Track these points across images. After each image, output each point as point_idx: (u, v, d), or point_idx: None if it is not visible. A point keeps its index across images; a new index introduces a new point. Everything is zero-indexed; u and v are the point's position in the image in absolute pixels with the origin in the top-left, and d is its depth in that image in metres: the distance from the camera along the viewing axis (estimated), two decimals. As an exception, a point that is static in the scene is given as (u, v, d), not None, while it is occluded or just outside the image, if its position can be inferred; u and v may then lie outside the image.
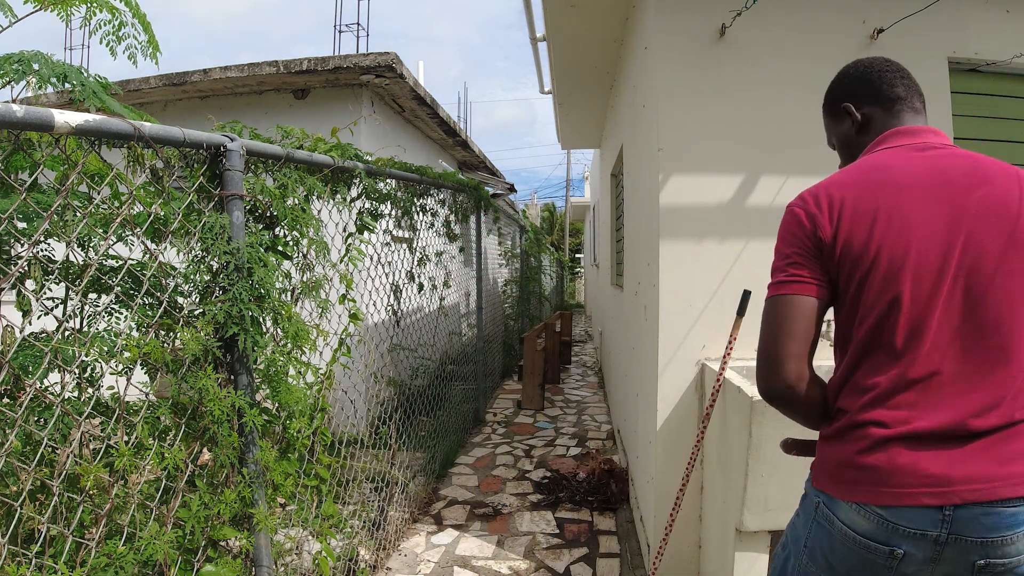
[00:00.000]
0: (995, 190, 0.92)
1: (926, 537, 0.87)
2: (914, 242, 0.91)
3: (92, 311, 1.43)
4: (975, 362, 0.90)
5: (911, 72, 1.09)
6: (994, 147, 2.21)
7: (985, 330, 0.90)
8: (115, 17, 1.41)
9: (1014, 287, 0.90)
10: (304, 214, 1.61)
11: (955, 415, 0.88)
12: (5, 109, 0.93)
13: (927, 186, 0.93)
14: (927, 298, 0.90)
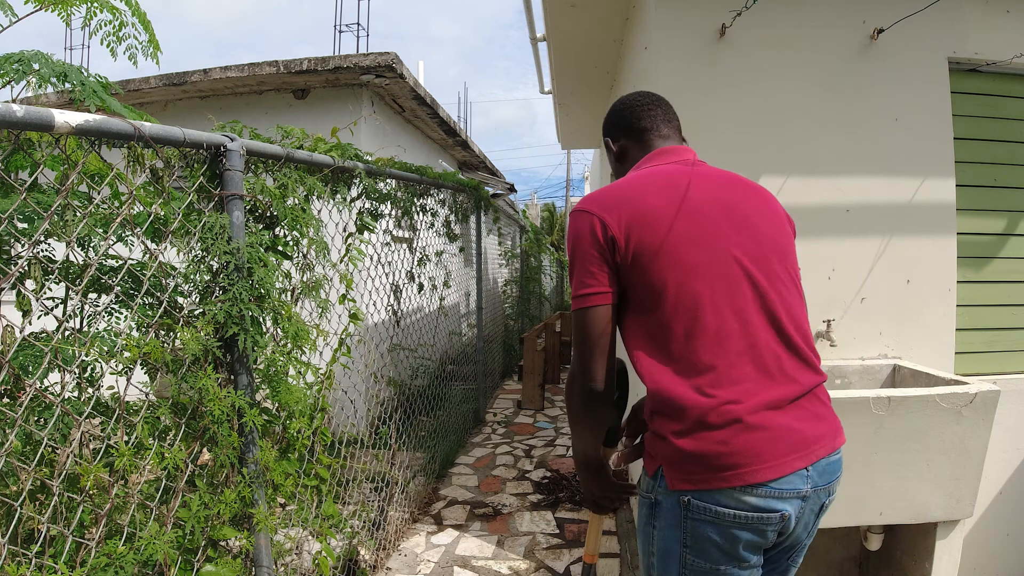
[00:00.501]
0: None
1: (799, 494, 0.99)
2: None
3: (92, 311, 1.43)
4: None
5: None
6: (994, 147, 2.21)
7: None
8: (116, 17, 1.41)
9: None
10: (304, 214, 1.61)
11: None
12: (5, 109, 0.93)
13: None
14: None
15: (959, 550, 1.74)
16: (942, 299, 2.12)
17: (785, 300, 1.08)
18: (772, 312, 1.04)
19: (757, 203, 1.15)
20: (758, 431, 0.96)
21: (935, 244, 2.11)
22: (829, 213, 2.09)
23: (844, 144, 2.09)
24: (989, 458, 1.71)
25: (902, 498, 1.66)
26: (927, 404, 1.61)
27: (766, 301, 1.04)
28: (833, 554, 2.11)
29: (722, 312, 1.00)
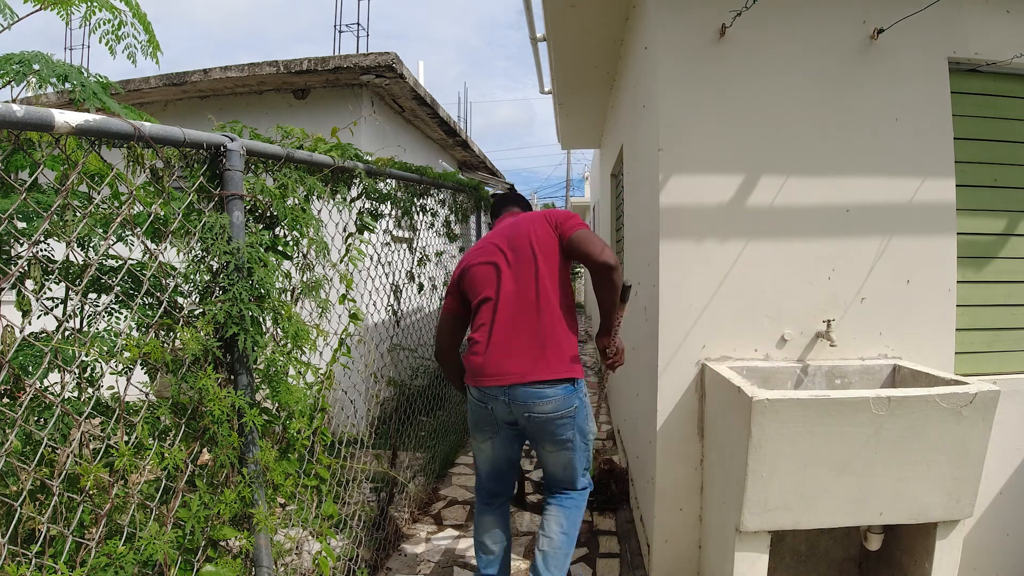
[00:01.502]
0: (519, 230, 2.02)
1: (499, 400, 1.90)
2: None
3: (92, 311, 1.43)
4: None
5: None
6: (994, 147, 2.21)
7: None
8: (115, 16, 1.41)
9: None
10: (304, 214, 1.61)
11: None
12: (5, 109, 0.93)
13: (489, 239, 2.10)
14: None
15: (959, 550, 1.74)
16: (942, 299, 2.12)
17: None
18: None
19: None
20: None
21: (935, 244, 2.11)
22: (829, 213, 2.09)
23: (844, 144, 2.09)
24: (989, 458, 1.71)
25: (902, 498, 1.66)
26: (927, 404, 1.61)
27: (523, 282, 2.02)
28: (833, 554, 2.11)
29: None
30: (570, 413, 1.89)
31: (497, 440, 2.04)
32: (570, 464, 2.00)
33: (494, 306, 1.94)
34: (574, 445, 1.95)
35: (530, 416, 1.88)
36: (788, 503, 1.64)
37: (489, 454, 2.09)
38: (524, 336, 1.89)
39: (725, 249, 2.09)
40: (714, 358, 2.11)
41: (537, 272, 1.91)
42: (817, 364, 2.09)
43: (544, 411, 1.86)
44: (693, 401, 2.13)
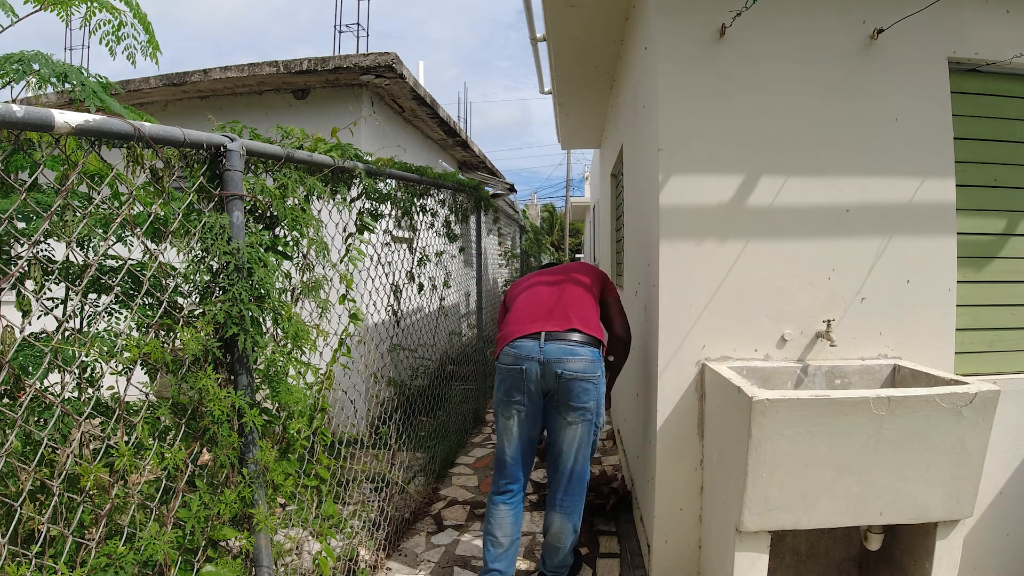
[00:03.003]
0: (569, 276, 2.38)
1: (533, 359, 2.08)
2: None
3: (92, 311, 1.43)
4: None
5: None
6: (994, 147, 2.21)
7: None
8: (115, 17, 1.41)
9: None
10: (304, 214, 1.61)
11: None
12: (5, 109, 0.93)
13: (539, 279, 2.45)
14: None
15: (959, 550, 1.74)
16: (942, 299, 2.12)
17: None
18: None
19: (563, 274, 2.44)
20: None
21: (935, 244, 2.11)
22: (829, 213, 2.09)
23: (844, 144, 2.09)
24: (989, 458, 1.71)
25: (902, 498, 1.66)
26: (927, 404, 1.61)
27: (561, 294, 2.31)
28: (833, 554, 2.11)
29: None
30: (595, 379, 2.05)
31: (525, 413, 2.14)
32: (583, 441, 2.10)
33: (529, 295, 2.31)
34: (593, 416, 2.08)
35: (562, 374, 2.03)
36: (788, 503, 1.64)
37: (515, 432, 2.17)
38: (556, 306, 2.20)
39: (725, 249, 2.09)
40: (714, 358, 2.11)
41: (575, 282, 2.31)
42: (817, 364, 2.09)
43: (575, 369, 2.03)
44: (693, 401, 2.13)
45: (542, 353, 2.06)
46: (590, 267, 2.43)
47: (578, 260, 2.69)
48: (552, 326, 2.12)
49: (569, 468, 2.13)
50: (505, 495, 2.19)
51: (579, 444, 2.10)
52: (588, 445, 2.12)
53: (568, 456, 2.12)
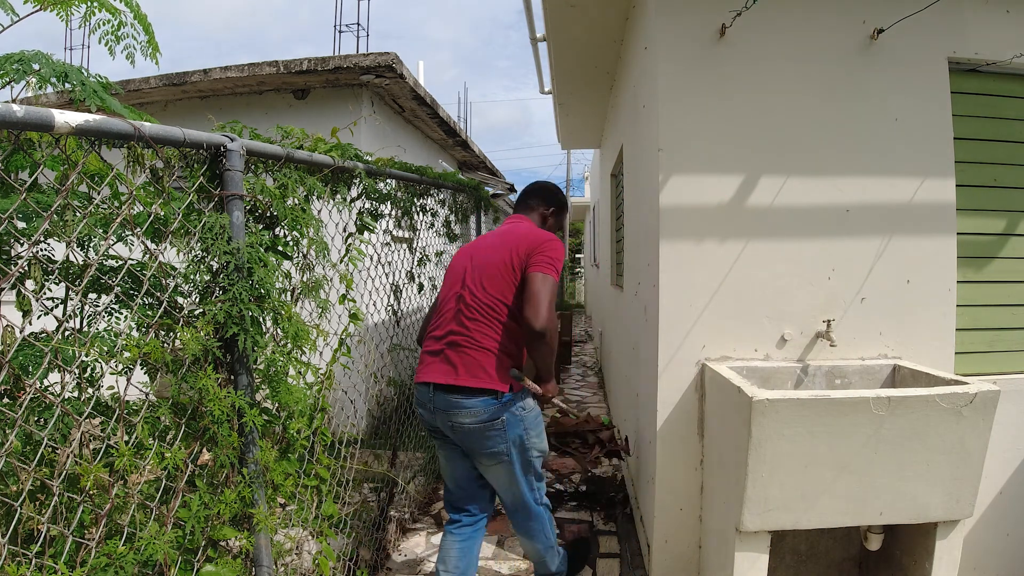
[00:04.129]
0: (498, 239, 2.01)
1: (426, 405, 1.92)
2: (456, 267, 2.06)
3: (92, 311, 1.43)
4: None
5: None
6: (994, 147, 2.21)
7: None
8: (115, 17, 1.41)
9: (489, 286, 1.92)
10: (304, 214, 1.60)
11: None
12: (5, 109, 0.93)
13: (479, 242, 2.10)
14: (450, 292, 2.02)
15: (959, 550, 1.74)
16: (942, 299, 2.12)
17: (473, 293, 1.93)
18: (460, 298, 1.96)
19: (495, 241, 2.03)
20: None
21: (935, 244, 2.11)
22: (829, 213, 2.09)
23: (844, 144, 2.09)
24: (989, 458, 1.71)
25: (902, 498, 1.66)
26: (927, 404, 1.61)
27: (466, 285, 1.95)
28: (833, 554, 2.11)
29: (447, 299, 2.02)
30: (497, 427, 1.83)
31: (446, 453, 2.02)
32: (513, 480, 1.93)
33: (443, 289, 2.07)
34: (512, 458, 1.87)
35: (453, 426, 1.87)
36: (788, 503, 1.64)
37: (446, 467, 2.07)
38: (451, 324, 1.91)
39: (725, 249, 2.09)
40: (714, 358, 2.11)
41: (491, 267, 1.91)
42: (817, 364, 2.09)
43: (463, 422, 1.83)
44: (693, 401, 2.13)
45: (432, 403, 1.89)
46: (523, 247, 1.90)
47: (528, 214, 2.19)
48: (436, 374, 1.88)
49: (509, 502, 2.00)
50: (452, 524, 2.07)
51: (506, 482, 1.95)
52: (518, 481, 1.93)
53: (502, 493, 2.00)
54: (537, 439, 1.94)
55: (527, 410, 1.90)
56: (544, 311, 1.76)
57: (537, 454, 1.95)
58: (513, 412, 1.85)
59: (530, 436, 1.90)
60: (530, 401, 1.92)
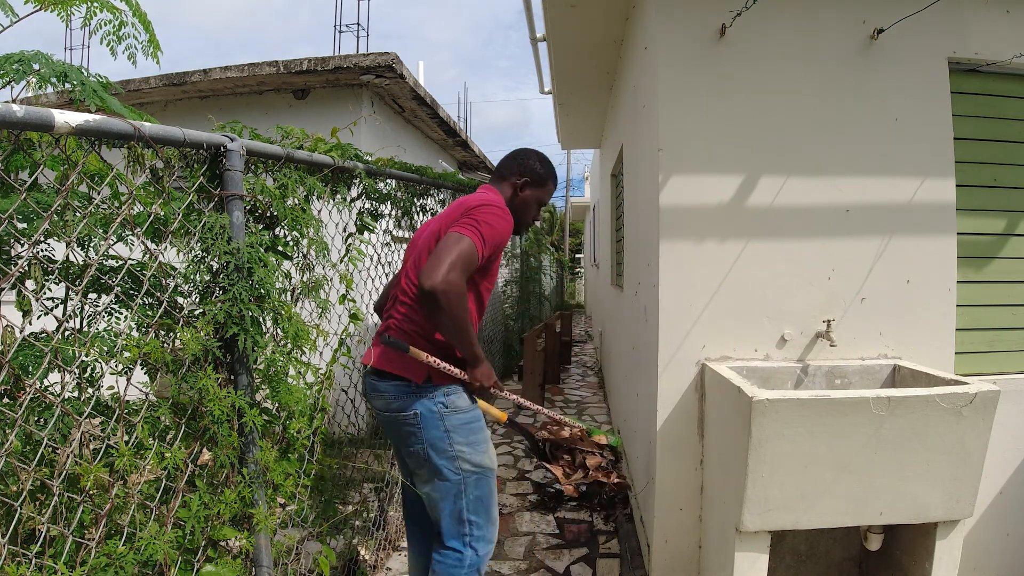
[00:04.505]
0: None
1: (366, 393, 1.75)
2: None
3: (92, 311, 1.43)
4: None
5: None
6: (994, 147, 2.21)
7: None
8: (116, 16, 1.41)
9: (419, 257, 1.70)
10: (304, 214, 1.61)
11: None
12: (5, 109, 0.93)
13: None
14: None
15: (959, 550, 1.73)
16: (942, 299, 2.12)
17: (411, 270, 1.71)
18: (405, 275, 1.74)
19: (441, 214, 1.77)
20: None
21: (935, 244, 2.11)
22: (829, 213, 2.09)
23: (844, 144, 2.09)
24: (989, 458, 1.71)
25: (902, 498, 1.66)
26: (927, 404, 1.61)
27: (405, 269, 1.76)
28: (833, 554, 2.11)
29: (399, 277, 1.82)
30: (411, 420, 1.60)
31: (393, 451, 1.89)
32: (432, 496, 1.63)
33: (392, 283, 1.95)
34: (430, 469, 1.59)
35: (377, 413, 1.72)
36: (788, 503, 1.64)
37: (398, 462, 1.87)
38: (387, 323, 1.74)
39: (725, 249, 2.09)
40: (714, 358, 2.11)
41: (419, 262, 1.66)
42: (817, 364, 2.09)
43: (378, 406, 1.69)
44: (693, 401, 2.13)
45: (363, 386, 1.77)
46: (462, 201, 1.69)
47: (498, 185, 1.86)
48: (366, 357, 1.73)
49: (436, 524, 1.69)
50: (409, 538, 1.87)
51: (431, 497, 1.66)
52: (444, 500, 1.61)
53: (430, 510, 1.69)
54: (468, 449, 1.60)
55: (451, 409, 1.60)
56: (437, 268, 1.39)
57: (471, 470, 1.60)
58: (430, 407, 1.57)
59: (454, 442, 1.58)
60: (461, 399, 1.63)
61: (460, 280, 1.42)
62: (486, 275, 1.69)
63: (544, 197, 1.86)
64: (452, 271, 1.41)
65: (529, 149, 1.90)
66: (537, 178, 1.84)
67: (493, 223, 1.56)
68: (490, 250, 1.55)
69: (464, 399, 1.65)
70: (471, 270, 1.47)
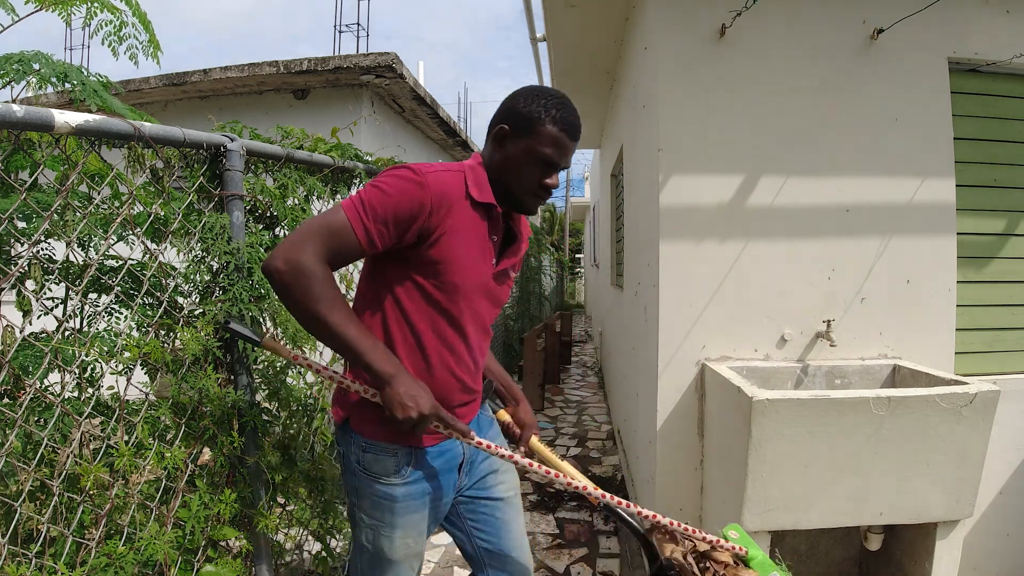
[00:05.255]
0: None
1: None
2: None
3: (92, 311, 1.43)
4: None
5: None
6: (994, 147, 2.21)
7: None
8: (116, 17, 1.41)
9: None
10: (304, 214, 1.61)
11: None
12: (5, 109, 0.93)
13: None
14: None
15: (959, 550, 1.74)
16: (942, 299, 2.12)
17: None
18: None
19: None
20: None
21: (935, 244, 2.11)
22: (829, 213, 2.09)
23: (844, 144, 2.09)
24: (989, 458, 1.71)
25: (902, 498, 1.66)
26: (927, 404, 1.61)
27: None
28: (833, 554, 2.11)
29: None
30: (342, 456, 1.20)
31: None
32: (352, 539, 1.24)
33: None
34: (350, 511, 1.21)
35: None
36: (788, 503, 1.64)
37: None
38: None
39: (725, 249, 2.09)
40: (714, 358, 2.11)
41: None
42: (817, 364, 2.09)
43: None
44: (693, 401, 2.13)
45: None
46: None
47: (486, 143, 1.22)
48: None
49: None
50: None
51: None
52: (354, 549, 1.23)
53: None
54: (368, 518, 1.16)
55: (362, 466, 1.14)
56: (284, 244, 1.01)
57: (368, 547, 1.17)
58: (348, 452, 1.16)
59: (362, 504, 1.16)
60: (379, 460, 1.12)
61: (308, 257, 0.99)
62: (423, 268, 1.09)
63: (538, 147, 1.13)
64: (298, 244, 1.00)
65: (521, 88, 1.22)
66: (520, 121, 1.14)
67: (384, 183, 1.05)
68: (381, 221, 1.03)
69: (383, 462, 1.12)
70: (338, 248, 1.02)
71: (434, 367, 1.13)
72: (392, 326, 1.12)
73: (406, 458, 1.13)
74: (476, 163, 1.18)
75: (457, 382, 1.17)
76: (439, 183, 1.06)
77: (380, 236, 1.04)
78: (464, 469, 1.25)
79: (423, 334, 1.12)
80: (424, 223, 1.05)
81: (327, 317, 1.01)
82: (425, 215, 1.04)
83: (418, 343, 1.12)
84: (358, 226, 1.03)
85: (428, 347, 1.12)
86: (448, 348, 1.14)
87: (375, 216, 1.03)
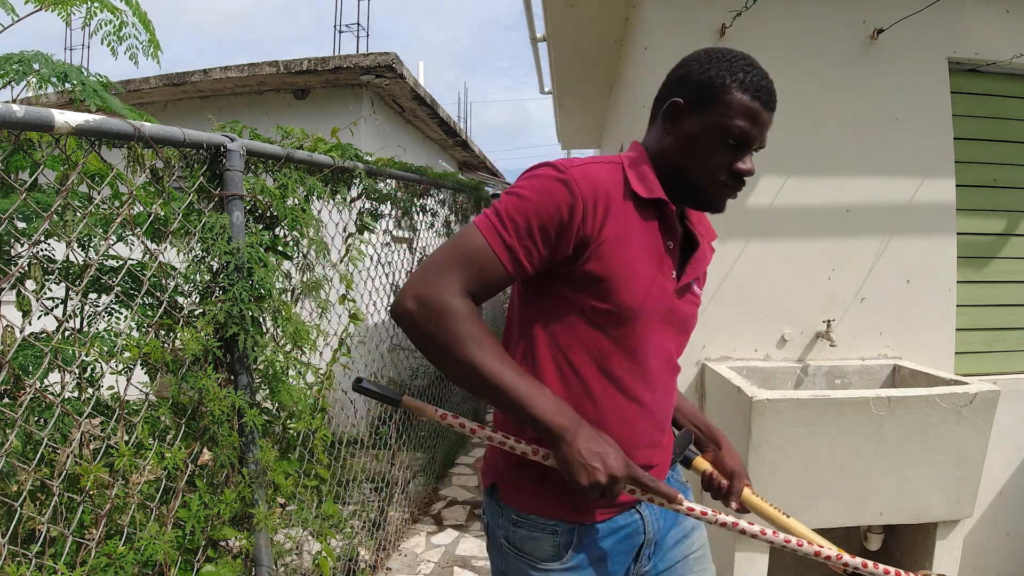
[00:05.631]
0: None
1: None
2: None
3: (92, 311, 1.43)
4: None
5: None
6: (994, 147, 2.21)
7: None
8: (116, 17, 1.41)
9: None
10: (304, 214, 1.61)
11: None
12: (5, 109, 0.93)
13: None
14: None
15: (959, 550, 1.74)
16: (942, 299, 2.12)
17: None
18: None
19: None
20: None
21: (935, 244, 2.11)
22: (829, 213, 2.09)
23: (844, 144, 2.09)
24: (989, 458, 1.71)
25: (902, 498, 1.66)
26: (927, 404, 1.61)
27: None
28: (833, 554, 2.11)
29: None
30: (487, 527, 1.00)
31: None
32: None
33: None
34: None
35: None
36: (788, 503, 1.64)
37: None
38: None
39: (725, 249, 2.09)
40: (714, 358, 2.11)
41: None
42: (817, 364, 2.09)
43: None
44: (693, 401, 2.13)
45: None
46: None
47: (648, 130, 1.01)
48: None
49: None
50: None
51: None
52: None
53: None
54: None
55: (512, 545, 0.92)
56: (413, 279, 0.84)
57: None
58: (495, 526, 0.95)
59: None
60: (534, 542, 0.90)
61: (444, 292, 0.80)
62: (584, 289, 0.85)
63: (725, 120, 0.88)
64: (431, 275, 0.82)
65: (693, 52, 0.99)
66: (700, 90, 0.90)
67: (521, 187, 0.85)
68: (526, 235, 0.82)
69: (539, 541, 0.90)
70: (479, 277, 0.82)
71: (605, 417, 0.87)
72: (546, 368, 0.87)
73: (568, 536, 0.89)
74: (637, 152, 0.94)
75: (638, 436, 0.91)
76: (588, 178, 0.83)
77: (528, 256, 0.82)
78: (645, 552, 0.98)
79: (589, 378, 0.86)
80: (579, 231, 0.82)
81: (478, 362, 0.79)
82: (578, 220, 0.81)
83: (583, 388, 0.87)
84: (498, 246, 0.82)
85: (595, 392, 0.87)
86: (623, 392, 0.88)
87: (517, 231, 0.82)
